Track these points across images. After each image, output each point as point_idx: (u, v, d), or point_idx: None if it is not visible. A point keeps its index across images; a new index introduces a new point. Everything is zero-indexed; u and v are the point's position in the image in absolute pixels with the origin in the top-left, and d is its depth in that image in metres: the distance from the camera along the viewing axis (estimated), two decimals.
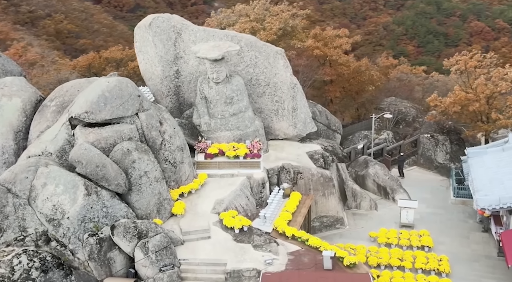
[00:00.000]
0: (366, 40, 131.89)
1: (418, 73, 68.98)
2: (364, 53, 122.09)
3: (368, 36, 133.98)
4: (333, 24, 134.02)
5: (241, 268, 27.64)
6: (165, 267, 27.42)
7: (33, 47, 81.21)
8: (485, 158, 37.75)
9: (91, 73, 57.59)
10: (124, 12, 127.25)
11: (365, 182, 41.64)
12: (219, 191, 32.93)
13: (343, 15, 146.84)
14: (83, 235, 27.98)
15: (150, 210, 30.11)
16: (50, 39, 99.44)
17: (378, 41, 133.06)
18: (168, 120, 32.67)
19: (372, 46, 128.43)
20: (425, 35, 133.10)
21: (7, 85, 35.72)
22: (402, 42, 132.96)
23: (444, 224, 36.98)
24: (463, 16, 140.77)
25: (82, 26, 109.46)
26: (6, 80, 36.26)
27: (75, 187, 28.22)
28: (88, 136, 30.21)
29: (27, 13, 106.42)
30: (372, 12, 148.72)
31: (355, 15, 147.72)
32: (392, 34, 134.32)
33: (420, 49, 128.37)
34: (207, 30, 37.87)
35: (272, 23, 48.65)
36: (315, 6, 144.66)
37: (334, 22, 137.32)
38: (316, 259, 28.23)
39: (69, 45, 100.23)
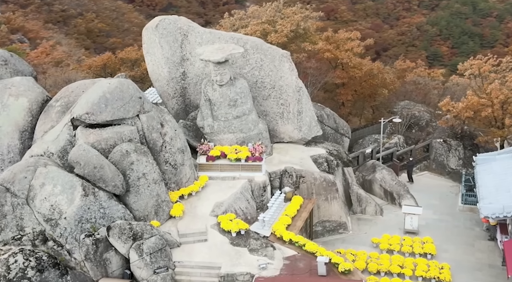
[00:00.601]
0: (399, 41, 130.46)
1: (436, 76, 68.02)
2: (396, 54, 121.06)
3: (401, 37, 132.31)
4: (365, 24, 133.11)
5: (235, 272, 27.57)
6: (159, 269, 27.47)
7: (61, 46, 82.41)
8: (494, 164, 37.06)
9: (106, 73, 58.08)
10: (156, 11, 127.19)
11: (372, 187, 41.22)
12: (220, 193, 32.89)
13: (376, 15, 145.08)
14: (79, 235, 28.19)
15: (148, 212, 30.19)
16: (81, 38, 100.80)
17: (411, 42, 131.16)
18: (170, 122, 32.73)
19: (405, 46, 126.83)
20: (460, 36, 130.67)
21: (14, 85, 36.12)
22: (436, 43, 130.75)
23: (449, 231, 36.40)
24: (500, 17, 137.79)
25: (112, 25, 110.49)
26: (14, 80, 36.69)
27: (73, 187, 28.43)
28: (88, 137, 30.40)
29: (59, 12, 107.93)
30: (405, 12, 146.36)
31: (388, 15, 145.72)
32: (426, 35, 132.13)
33: (454, 50, 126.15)
34: (213, 32, 37.88)
35: (284, 25, 48.44)
36: (348, 6, 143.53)
37: (367, 22, 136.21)
38: (311, 264, 28.00)
39: (99, 44, 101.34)
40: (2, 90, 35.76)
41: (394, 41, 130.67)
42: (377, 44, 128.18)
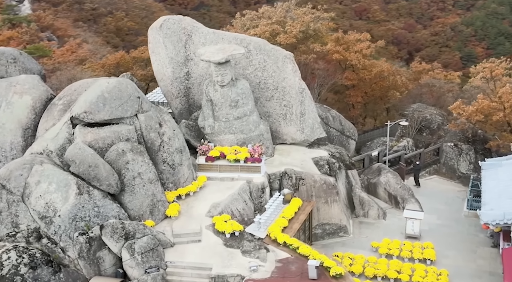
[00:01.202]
0: (432, 41, 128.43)
1: (453, 79, 67.12)
2: (429, 54, 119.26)
3: (434, 37, 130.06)
4: (398, 24, 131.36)
5: (226, 274, 27.48)
6: (150, 269, 27.50)
7: (88, 44, 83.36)
8: (500, 170, 36.43)
9: (119, 72, 58.39)
10: (188, 10, 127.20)
11: (377, 190, 40.78)
12: (217, 194, 32.83)
13: (409, 15, 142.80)
14: (73, 233, 28.35)
15: (142, 211, 30.26)
16: (110, 36, 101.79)
17: (445, 42, 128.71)
18: (168, 122, 32.77)
19: (438, 47, 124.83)
20: (496, 37, 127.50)
21: (19, 83, 36.52)
22: (471, 43, 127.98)
23: (452, 237, 35.83)
24: None
25: (142, 24, 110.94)
26: (19, 78, 37.10)
27: (67, 185, 28.62)
28: (86, 136, 30.59)
29: (90, 10, 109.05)
30: (440, 12, 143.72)
31: (421, 15, 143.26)
32: (460, 35, 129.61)
33: (489, 52, 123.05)
34: (216, 33, 37.84)
35: (293, 26, 48.18)
36: (380, 6, 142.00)
37: (399, 22, 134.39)
38: (303, 268, 27.75)
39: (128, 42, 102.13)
40: (7, 88, 36.17)
41: (427, 42, 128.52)
42: (410, 45, 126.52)
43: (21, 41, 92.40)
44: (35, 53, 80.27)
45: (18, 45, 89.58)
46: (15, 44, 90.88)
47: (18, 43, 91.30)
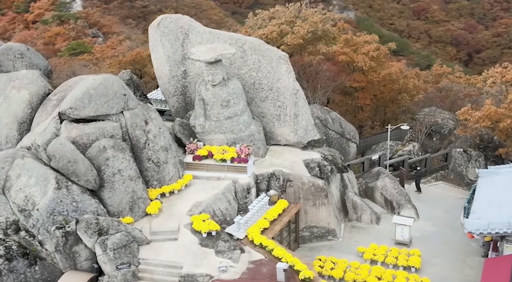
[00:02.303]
0: (494, 43, 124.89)
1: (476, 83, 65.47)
2: (490, 56, 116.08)
3: (496, 38, 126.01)
4: (458, 24, 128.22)
5: (195, 273, 27.51)
6: (121, 266, 27.74)
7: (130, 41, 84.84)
8: (496, 178, 35.39)
9: (135, 69, 59.04)
10: (242, 8, 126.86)
11: (374, 195, 40.15)
12: (202, 193, 32.86)
13: (470, 15, 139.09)
14: (51, 227, 28.77)
15: (122, 208, 30.53)
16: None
17: (508, 43, 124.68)
18: (155, 120, 32.95)
19: (500, 49, 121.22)
20: None
21: (19, 78, 37.28)
22: None
23: (444, 245, 34.98)
24: None
25: None
26: (19, 73, 37.87)
27: (46, 180, 29.09)
28: (71, 132, 31.04)
29: (140, 8, 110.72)
30: (503, 12, 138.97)
31: (483, 16, 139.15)
32: None
33: None
34: (212, 32, 37.86)
35: (302, 26, 47.82)
36: (440, 5, 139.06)
37: (460, 22, 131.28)
38: (275, 270, 27.50)
39: None
40: (6, 83, 36.98)
41: (488, 43, 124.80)
42: (469, 46, 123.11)
43: (67, 37, 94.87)
44: (77, 49, 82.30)
45: (64, 41, 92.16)
46: (62, 40, 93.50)
47: (64, 39, 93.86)
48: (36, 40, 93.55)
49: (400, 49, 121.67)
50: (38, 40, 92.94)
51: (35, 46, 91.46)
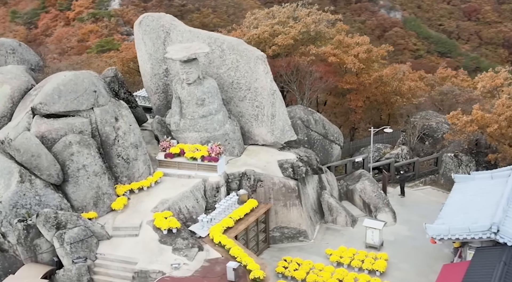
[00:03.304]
0: None
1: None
2: None
3: None
4: (511, 25, 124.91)
5: (148, 269, 27.79)
6: (77, 259, 28.18)
7: None
8: (471, 184, 34.85)
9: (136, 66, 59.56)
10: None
11: (353, 197, 39.88)
12: (170, 190, 33.13)
13: None
14: (14, 220, 29.33)
15: (86, 203, 30.98)
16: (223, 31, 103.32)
17: None
18: (125, 117, 33.34)
19: None
20: None
21: (3, 72, 37.95)
22: None
23: (415, 250, 34.57)
24: None
25: (228, 21, 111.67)
26: (4, 68, 38.60)
27: (10, 173, 29.70)
28: (40, 127, 31.63)
29: (178, 6, 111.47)
30: None
31: None
32: None
33: None
34: (192, 31, 38.11)
35: (294, 27, 47.71)
36: (493, 6, 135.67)
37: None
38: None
39: None
40: None
41: None
42: None
43: (100, 34, 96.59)
44: (105, 46, 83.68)
45: (97, 38, 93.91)
46: (94, 37, 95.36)
47: (97, 36, 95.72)
48: (71, 37, 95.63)
49: (448, 50, 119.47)
50: (73, 37, 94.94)
51: (70, 42, 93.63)
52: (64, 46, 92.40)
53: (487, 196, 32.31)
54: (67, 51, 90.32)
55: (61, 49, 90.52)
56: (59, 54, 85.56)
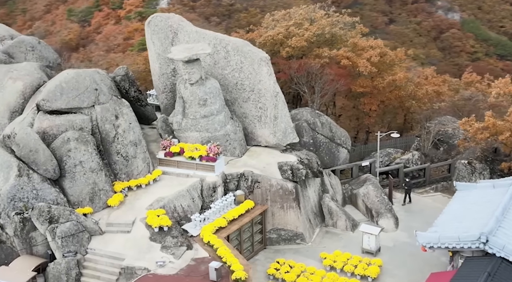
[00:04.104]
0: None
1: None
2: None
3: None
4: None
5: (135, 266, 28.32)
6: (68, 253, 28.90)
7: None
8: (472, 193, 34.28)
9: None
10: (340, 8, 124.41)
11: (357, 201, 39.65)
12: (167, 189, 33.60)
13: None
14: (11, 212, 30.27)
15: (82, 198, 31.72)
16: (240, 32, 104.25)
17: None
18: (126, 115, 33.98)
19: None
20: None
21: (17, 69, 39.11)
22: None
23: (412, 257, 34.17)
24: None
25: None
26: (19, 65, 39.75)
27: (9, 167, 30.65)
28: (42, 123, 32.55)
29: (227, 6, 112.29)
30: None
31: None
32: None
33: None
34: (199, 32, 38.50)
35: (309, 29, 47.61)
36: None
37: None
38: None
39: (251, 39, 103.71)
40: (5, 73, 38.89)
41: None
42: None
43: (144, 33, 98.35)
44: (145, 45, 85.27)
45: (141, 36, 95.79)
46: (139, 35, 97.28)
47: (141, 34, 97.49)
48: (118, 35, 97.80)
49: (508, 53, 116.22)
50: (119, 35, 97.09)
51: (116, 40, 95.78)
52: (111, 44, 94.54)
53: (485, 205, 31.72)
54: (113, 48, 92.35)
55: (108, 46, 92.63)
56: (106, 51, 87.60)
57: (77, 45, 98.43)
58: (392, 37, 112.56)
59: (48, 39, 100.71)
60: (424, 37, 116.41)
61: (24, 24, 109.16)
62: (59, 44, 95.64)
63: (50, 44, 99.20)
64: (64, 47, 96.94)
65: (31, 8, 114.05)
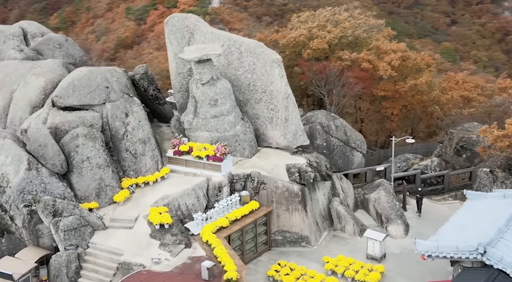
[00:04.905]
0: None
1: None
2: None
3: None
4: None
5: (131, 262, 28.87)
6: (69, 247, 29.69)
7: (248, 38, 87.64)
8: (482, 202, 33.54)
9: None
10: (400, 8, 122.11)
11: (368, 206, 39.33)
12: (174, 187, 34.10)
13: None
14: (20, 204, 31.33)
15: (89, 193, 32.53)
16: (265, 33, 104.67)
17: None
18: (136, 114, 34.66)
19: None
20: None
21: (40, 66, 40.36)
22: None
23: (417, 265, 33.63)
24: None
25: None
26: (43, 62, 41.01)
27: (20, 160, 31.72)
28: (55, 118, 33.57)
29: (279, 6, 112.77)
30: None
31: None
32: None
33: None
34: (214, 33, 38.88)
35: (331, 31, 47.44)
36: None
37: None
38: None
39: None
40: (29, 70, 40.22)
41: None
42: None
43: None
44: None
45: None
46: None
47: None
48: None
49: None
50: None
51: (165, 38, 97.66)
52: (161, 42, 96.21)
53: (492, 215, 31.03)
54: (162, 46, 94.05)
55: (158, 44, 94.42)
56: (156, 49, 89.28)
57: (132, 43, 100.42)
58: (453, 38, 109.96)
59: (106, 36, 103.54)
60: (487, 39, 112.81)
61: (87, 21, 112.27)
62: (116, 41, 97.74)
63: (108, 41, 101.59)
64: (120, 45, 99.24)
65: (95, 6, 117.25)
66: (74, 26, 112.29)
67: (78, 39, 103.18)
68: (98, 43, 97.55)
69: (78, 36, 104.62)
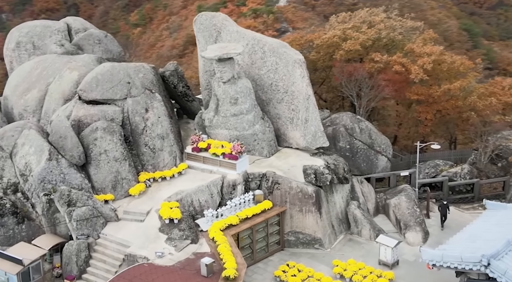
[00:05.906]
0: None
1: None
2: None
3: None
4: None
5: (136, 254, 29.67)
6: (81, 236, 30.78)
7: None
8: (500, 213, 32.62)
9: None
10: (482, 9, 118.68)
11: (388, 212, 38.85)
12: (189, 183, 34.75)
13: None
14: (41, 193, 32.71)
15: (105, 185, 33.58)
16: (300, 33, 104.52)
17: None
18: (156, 109, 35.47)
19: None
20: None
21: (76, 60, 41.73)
22: None
23: (429, 274, 32.85)
24: None
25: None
26: (78, 57, 42.39)
27: (42, 151, 33.08)
28: (79, 111, 34.82)
29: (349, 5, 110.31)
30: None
31: None
32: None
33: None
34: (240, 32, 39.24)
35: (366, 33, 46.92)
36: None
37: None
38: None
39: None
40: (65, 64, 41.68)
41: None
42: None
43: (256, 30, 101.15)
44: None
45: None
46: None
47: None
48: None
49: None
50: None
51: None
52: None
53: (505, 227, 30.20)
54: None
55: None
56: None
57: None
58: None
59: (177, 33, 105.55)
60: None
61: (163, 18, 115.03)
62: (185, 38, 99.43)
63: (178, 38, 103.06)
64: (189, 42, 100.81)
65: (171, 3, 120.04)
66: (152, 23, 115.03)
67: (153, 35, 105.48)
68: (170, 40, 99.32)
69: (154, 32, 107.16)
